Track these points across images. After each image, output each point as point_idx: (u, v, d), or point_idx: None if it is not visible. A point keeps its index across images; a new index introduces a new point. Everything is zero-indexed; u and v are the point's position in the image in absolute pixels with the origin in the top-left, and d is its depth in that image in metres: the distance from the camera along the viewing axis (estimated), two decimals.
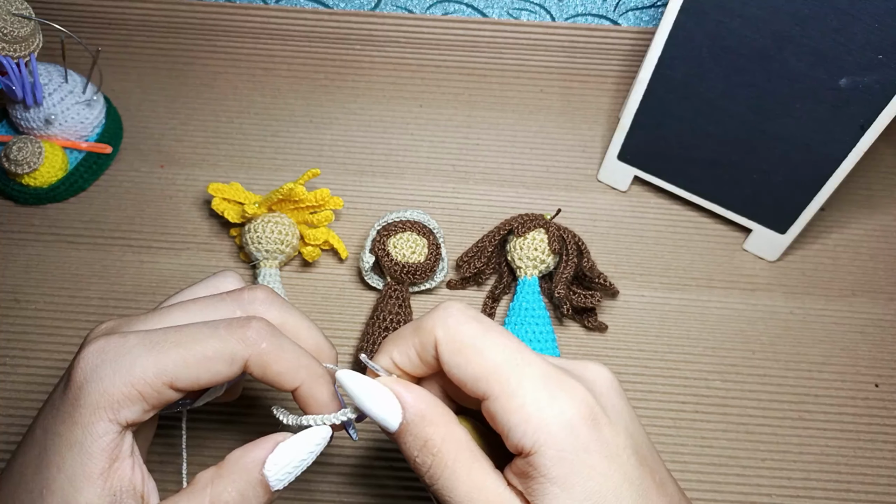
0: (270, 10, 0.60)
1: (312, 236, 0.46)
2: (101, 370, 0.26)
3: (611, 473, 0.25)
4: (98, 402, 0.26)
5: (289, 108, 0.56)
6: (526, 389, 0.25)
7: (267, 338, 0.28)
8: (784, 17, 0.41)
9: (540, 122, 0.57)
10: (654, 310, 0.48)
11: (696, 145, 0.48)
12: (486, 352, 0.26)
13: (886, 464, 0.42)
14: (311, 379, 0.29)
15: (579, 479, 0.24)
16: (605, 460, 0.25)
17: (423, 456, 0.26)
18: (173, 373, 0.26)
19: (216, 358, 0.27)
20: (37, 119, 0.49)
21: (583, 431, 0.25)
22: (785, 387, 0.45)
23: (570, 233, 0.45)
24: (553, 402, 0.25)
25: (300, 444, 0.27)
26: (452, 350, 0.26)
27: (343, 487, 0.40)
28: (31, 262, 0.47)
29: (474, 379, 0.26)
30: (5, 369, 0.43)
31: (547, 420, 0.25)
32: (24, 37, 0.46)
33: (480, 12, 0.61)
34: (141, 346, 0.27)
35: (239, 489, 0.26)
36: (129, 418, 0.26)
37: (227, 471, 0.27)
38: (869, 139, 0.42)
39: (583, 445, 0.25)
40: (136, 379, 0.26)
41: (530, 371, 0.26)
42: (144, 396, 0.26)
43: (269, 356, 0.28)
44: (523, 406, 0.25)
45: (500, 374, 0.26)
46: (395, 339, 0.29)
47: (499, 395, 0.25)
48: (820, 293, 0.49)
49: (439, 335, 0.27)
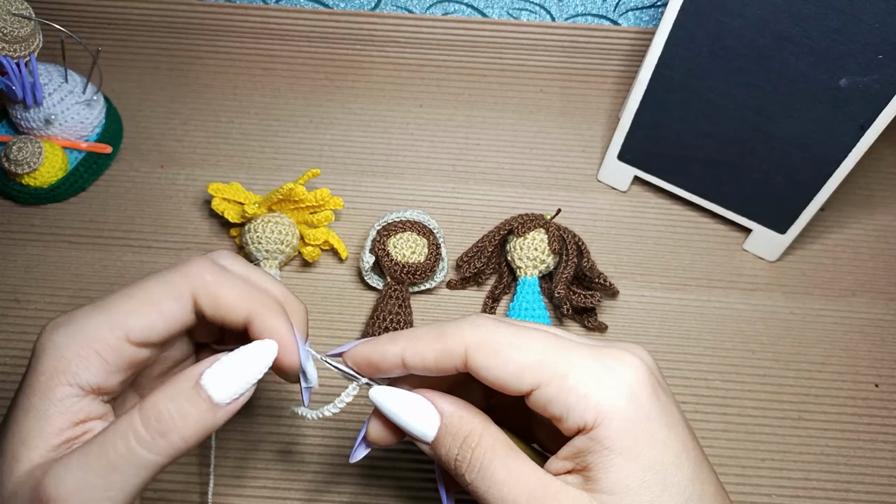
0: (270, 10, 0.60)
1: (312, 236, 0.46)
2: (56, 338, 0.26)
3: (671, 441, 0.25)
4: (55, 368, 0.26)
5: (289, 108, 0.56)
6: (579, 368, 0.25)
7: (211, 270, 0.28)
8: (784, 17, 0.41)
9: (540, 122, 0.57)
10: (654, 310, 0.48)
11: (696, 145, 0.48)
12: (525, 346, 0.26)
13: (886, 464, 0.42)
14: (263, 308, 0.28)
15: (643, 448, 0.24)
16: (666, 428, 0.25)
17: (464, 451, 0.26)
18: (125, 324, 0.26)
19: (163, 297, 0.27)
20: (37, 119, 0.49)
21: (645, 399, 0.25)
22: (785, 387, 0.45)
23: (570, 233, 0.45)
24: (610, 373, 0.25)
25: (241, 356, 0.27)
26: (488, 353, 0.26)
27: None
28: (31, 262, 0.47)
29: (518, 374, 0.26)
30: (5, 369, 0.43)
31: (608, 391, 0.25)
32: (24, 37, 0.46)
33: (480, 12, 0.61)
34: (92, 310, 0.27)
35: (170, 396, 0.25)
36: (90, 381, 0.26)
37: (159, 386, 0.26)
38: (869, 139, 0.42)
39: (645, 413, 0.25)
40: (91, 338, 0.26)
41: (578, 351, 0.26)
42: (102, 355, 0.26)
43: (215, 286, 0.28)
44: (580, 383, 0.25)
45: (546, 361, 0.26)
46: (409, 340, 0.28)
47: (550, 380, 0.25)
48: (820, 293, 0.49)
49: (470, 341, 0.26)
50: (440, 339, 0.27)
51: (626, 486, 0.24)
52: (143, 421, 0.25)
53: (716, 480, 0.26)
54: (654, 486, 0.24)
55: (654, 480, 0.24)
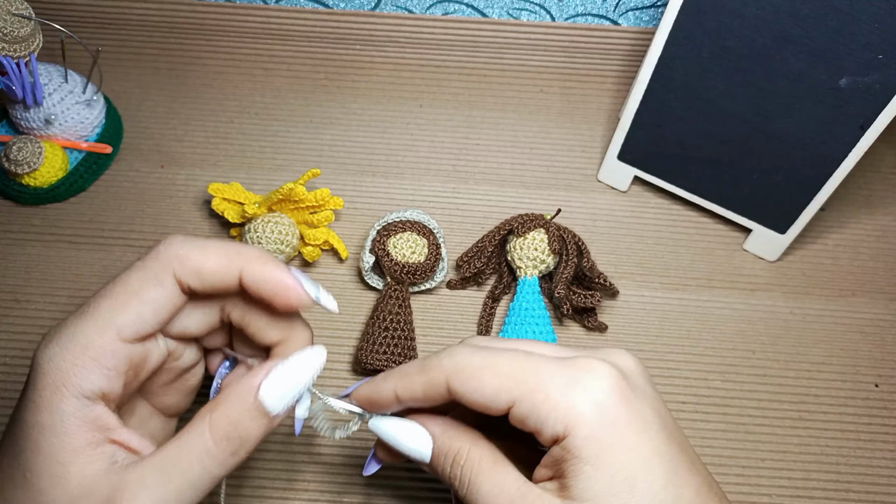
0: (270, 10, 0.60)
1: (312, 236, 0.46)
2: (51, 352, 0.26)
3: (640, 447, 0.25)
4: (56, 382, 0.25)
5: (289, 108, 0.56)
6: (547, 382, 0.26)
7: (182, 244, 0.28)
8: (784, 17, 0.41)
9: (540, 122, 0.57)
10: (654, 310, 0.48)
11: (696, 145, 0.48)
12: (497, 367, 0.27)
13: (886, 464, 0.42)
14: (251, 260, 0.28)
15: (610, 455, 0.25)
16: (634, 434, 0.25)
17: (454, 469, 0.28)
18: (113, 322, 0.26)
19: (144, 286, 0.27)
20: (37, 119, 0.49)
21: (610, 406, 0.26)
22: (785, 387, 0.45)
23: (570, 233, 0.45)
24: (577, 384, 0.26)
25: (292, 368, 0.28)
26: (465, 379, 0.27)
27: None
28: (31, 262, 0.47)
29: (494, 395, 0.27)
30: (5, 369, 0.43)
31: (574, 402, 0.26)
32: (24, 37, 0.46)
33: (480, 12, 0.61)
34: (79, 317, 0.27)
35: (236, 415, 0.26)
36: (93, 388, 0.26)
37: (224, 399, 0.27)
38: (869, 139, 0.42)
39: (611, 421, 0.25)
40: (83, 346, 0.26)
41: (547, 366, 0.27)
42: (99, 360, 0.26)
43: (193, 257, 0.27)
44: (548, 396, 0.26)
45: (518, 379, 0.27)
46: (398, 377, 0.29)
47: (522, 396, 0.26)
48: (820, 293, 0.49)
49: (449, 371, 0.28)
50: (424, 373, 0.29)
51: (595, 493, 0.25)
52: (215, 440, 0.26)
53: (697, 483, 0.26)
54: (622, 493, 0.25)
55: (621, 487, 0.25)
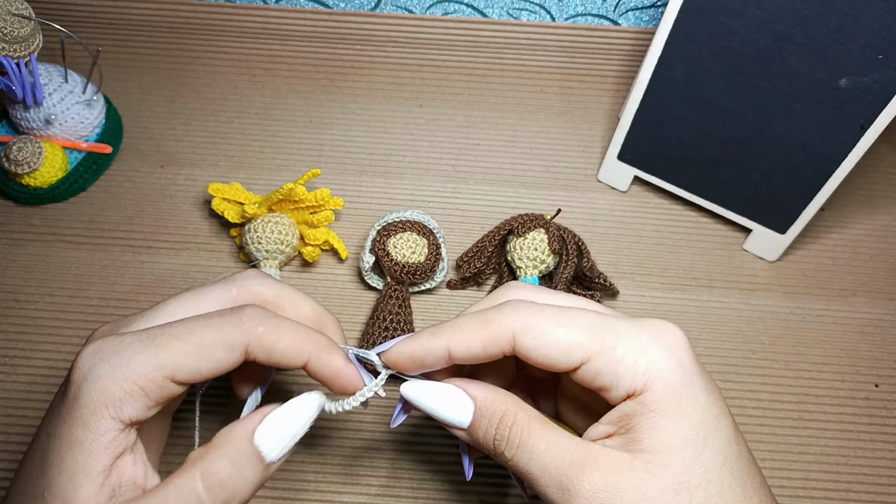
0: (270, 10, 0.60)
1: (312, 236, 0.46)
2: (100, 368, 0.26)
3: (710, 405, 0.26)
4: (98, 401, 0.25)
5: (289, 108, 0.56)
6: (625, 339, 0.27)
7: (263, 320, 0.28)
8: (784, 17, 0.41)
9: (540, 122, 0.57)
10: (654, 310, 0.48)
11: (696, 145, 0.48)
12: (571, 325, 0.27)
13: (886, 464, 0.42)
14: (319, 350, 0.29)
15: (687, 409, 0.26)
16: (706, 393, 0.26)
17: (501, 430, 0.28)
18: (173, 365, 0.26)
19: (215, 346, 0.27)
20: (37, 119, 0.49)
21: (688, 364, 0.27)
22: (785, 387, 0.45)
23: (570, 233, 0.45)
24: (656, 341, 0.27)
25: (288, 413, 0.28)
26: (536, 335, 0.27)
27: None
28: (31, 262, 0.47)
29: (567, 351, 0.27)
30: (5, 369, 0.43)
31: (655, 357, 0.26)
32: (24, 37, 0.46)
33: (480, 12, 0.61)
34: (138, 343, 0.27)
35: (230, 461, 0.26)
36: (131, 415, 0.26)
37: (217, 444, 0.26)
38: (869, 139, 0.42)
39: (688, 378, 0.26)
40: (136, 374, 0.26)
41: (621, 324, 0.27)
42: (146, 392, 0.26)
43: (269, 337, 0.28)
44: (628, 353, 0.26)
45: (594, 336, 0.27)
46: (454, 331, 0.28)
47: (599, 352, 0.26)
48: (820, 293, 0.49)
49: (517, 326, 0.27)
50: (486, 327, 0.28)
51: (670, 444, 0.25)
52: (207, 488, 0.25)
53: (746, 443, 0.28)
54: (696, 445, 0.26)
55: (695, 439, 0.26)
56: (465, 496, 0.40)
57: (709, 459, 0.25)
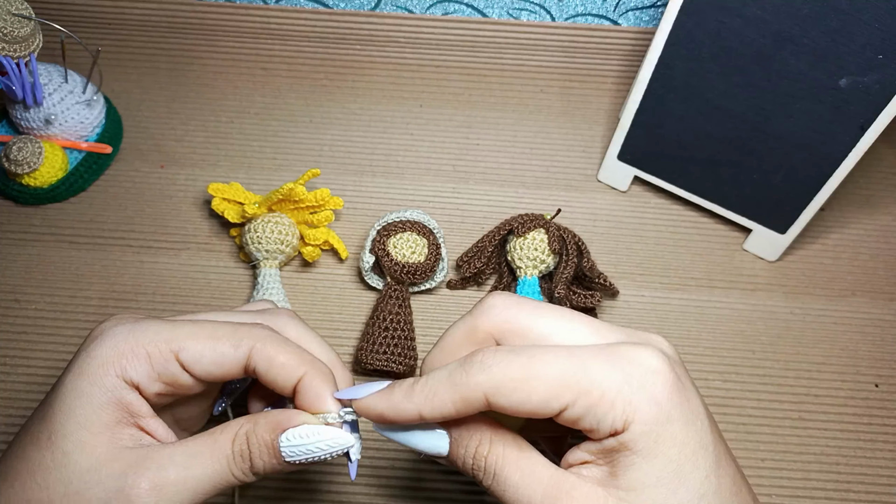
0: (270, 10, 0.60)
1: (312, 236, 0.46)
2: (116, 330, 0.28)
3: (688, 440, 0.26)
4: (107, 357, 0.28)
5: (289, 108, 0.56)
6: (599, 380, 0.26)
7: (274, 340, 0.30)
8: (784, 17, 0.41)
9: (540, 122, 0.57)
10: (654, 310, 0.48)
11: (696, 145, 0.48)
12: (542, 373, 0.26)
13: (886, 464, 0.42)
14: (313, 371, 0.30)
15: (662, 448, 0.26)
16: (683, 428, 0.26)
17: (477, 460, 0.28)
18: (181, 342, 0.28)
19: (224, 338, 0.29)
20: (37, 119, 0.49)
21: (665, 401, 0.26)
22: (785, 387, 0.45)
23: (570, 233, 0.45)
24: (629, 380, 0.26)
25: (317, 433, 0.28)
26: (508, 392, 0.26)
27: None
28: (31, 262, 0.47)
29: (544, 403, 0.26)
30: (5, 369, 0.43)
31: (631, 398, 0.26)
32: (24, 37, 0.46)
33: (480, 12, 0.61)
34: (157, 322, 0.29)
35: (255, 442, 0.28)
36: (133, 378, 0.28)
37: (257, 419, 0.28)
38: (869, 139, 0.42)
39: (665, 415, 0.26)
40: (147, 340, 0.28)
41: (593, 362, 0.26)
42: (151, 359, 0.28)
43: (273, 347, 0.29)
44: (604, 395, 0.26)
45: (567, 383, 0.26)
46: (424, 398, 0.27)
47: (576, 398, 0.26)
48: (820, 293, 0.49)
49: (487, 387, 0.26)
50: (455, 391, 0.27)
51: (643, 483, 0.25)
52: (234, 451, 0.28)
53: (733, 472, 0.27)
54: (670, 483, 0.25)
55: (670, 478, 0.25)
56: (467, 496, 0.40)
57: (684, 497, 0.25)
